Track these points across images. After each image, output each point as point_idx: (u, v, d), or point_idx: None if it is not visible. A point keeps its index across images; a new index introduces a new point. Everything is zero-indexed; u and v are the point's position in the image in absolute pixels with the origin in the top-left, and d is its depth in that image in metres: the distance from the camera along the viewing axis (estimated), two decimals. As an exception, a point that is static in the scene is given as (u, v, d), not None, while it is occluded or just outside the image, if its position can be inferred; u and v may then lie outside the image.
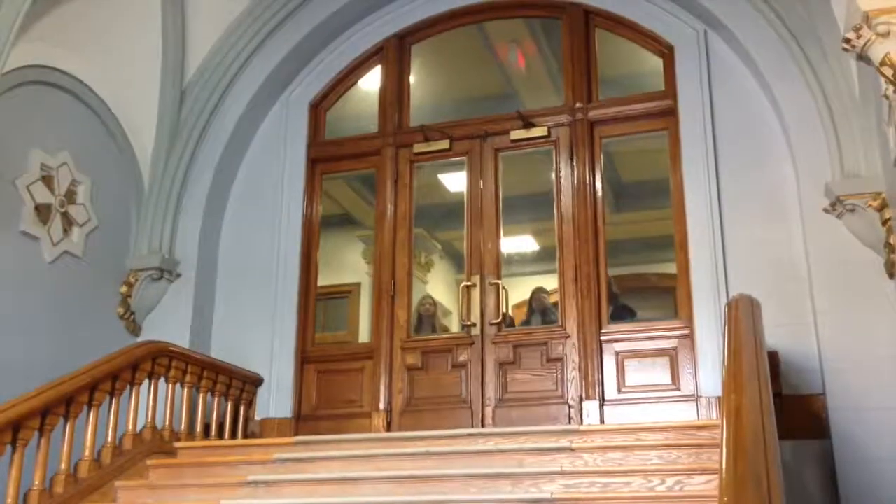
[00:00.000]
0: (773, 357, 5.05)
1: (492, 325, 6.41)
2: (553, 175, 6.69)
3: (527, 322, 6.73)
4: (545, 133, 6.75)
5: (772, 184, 6.01)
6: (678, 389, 5.92)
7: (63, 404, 4.63)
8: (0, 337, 5.51)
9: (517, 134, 6.82)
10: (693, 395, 5.81)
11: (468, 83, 7.76)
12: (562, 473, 4.21)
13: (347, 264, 7.98)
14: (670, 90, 6.55)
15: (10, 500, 4.25)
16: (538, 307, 6.70)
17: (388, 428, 6.20)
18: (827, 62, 5.69)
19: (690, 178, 6.22)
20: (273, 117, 7.46)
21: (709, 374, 5.69)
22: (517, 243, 7.37)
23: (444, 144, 6.99)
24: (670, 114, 6.51)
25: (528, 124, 6.79)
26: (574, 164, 6.64)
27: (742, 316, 3.87)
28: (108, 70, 6.60)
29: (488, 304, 6.48)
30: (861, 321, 5.35)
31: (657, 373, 5.99)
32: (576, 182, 6.59)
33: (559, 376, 6.17)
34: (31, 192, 6.00)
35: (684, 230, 6.16)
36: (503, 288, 6.49)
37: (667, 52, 6.64)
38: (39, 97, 6.10)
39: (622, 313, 6.37)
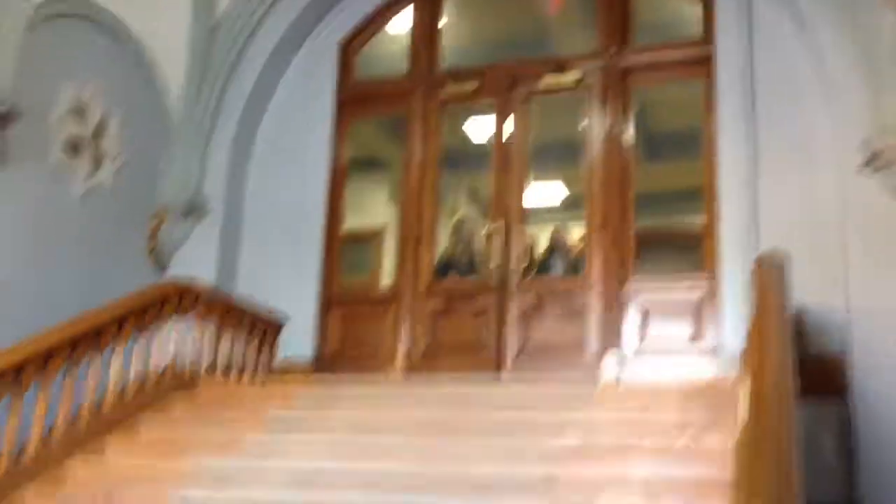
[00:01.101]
0: (800, 315, 4.99)
1: (515, 272, 6.37)
2: (583, 122, 6.58)
3: (545, 262, 6.69)
4: (578, 78, 6.62)
5: (808, 136, 5.87)
6: (700, 343, 5.88)
7: (91, 337, 4.70)
8: (30, 270, 5.59)
9: (549, 79, 6.69)
10: (715, 350, 5.78)
11: (500, 26, 7.62)
12: (580, 424, 4.22)
13: (373, 208, 7.97)
14: (708, 38, 6.38)
15: (36, 430, 4.35)
16: (555, 245, 6.67)
17: (409, 372, 6.24)
18: (871, 12, 5.49)
19: (724, 129, 6.09)
20: (302, 57, 7.39)
21: (732, 330, 5.62)
22: (544, 191, 7.31)
23: (474, 86, 6.87)
24: (707, 62, 6.34)
25: (560, 69, 6.66)
26: (605, 111, 6.53)
27: (770, 273, 3.82)
28: (140, 3, 6.54)
29: (513, 251, 6.44)
30: (892, 280, 5.25)
31: (680, 326, 5.94)
32: (606, 130, 6.49)
33: (581, 326, 6.15)
34: (62, 125, 6.00)
35: (716, 182, 6.06)
36: (529, 235, 6.45)
37: (706, -2, 6.46)
38: (70, 29, 6.07)
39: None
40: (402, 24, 7.37)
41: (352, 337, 6.65)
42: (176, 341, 5.44)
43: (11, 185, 5.50)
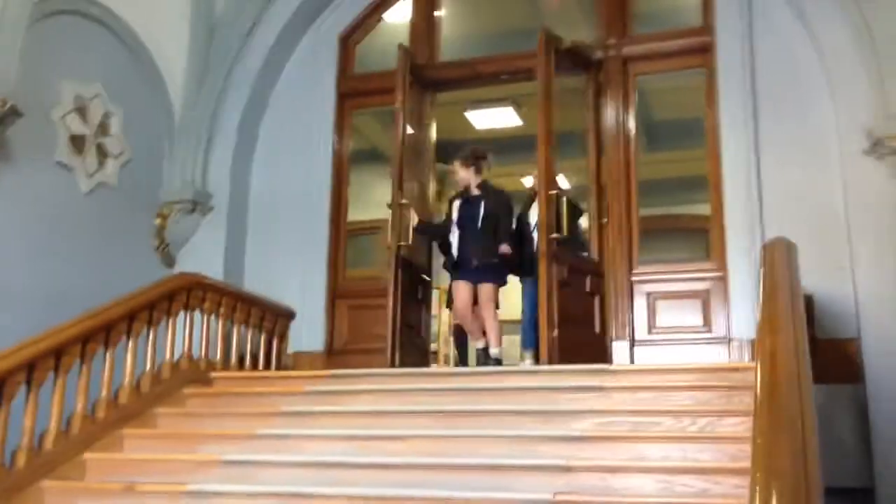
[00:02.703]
0: (809, 301, 5.03)
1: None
2: (585, 113, 6.60)
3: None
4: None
5: (811, 124, 5.91)
6: (710, 331, 5.94)
7: (103, 332, 4.72)
8: (38, 266, 5.61)
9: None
10: (725, 338, 5.83)
11: (499, 17, 7.63)
12: (592, 412, 4.25)
13: (376, 200, 7.98)
14: (708, 26, 6.42)
15: (53, 423, 4.37)
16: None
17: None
18: (873, -1, 5.53)
19: (727, 117, 6.13)
20: (302, 50, 7.42)
21: (741, 317, 5.69)
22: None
23: (472, 77, 6.90)
24: (707, 51, 6.39)
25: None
26: (606, 101, 6.56)
27: (778, 258, 3.85)
28: (140, 1, 6.55)
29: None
30: (899, 265, 5.30)
31: (689, 314, 6.01)
32: (608, 120, 6.51)
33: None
34: (66, 122, 6.03)
35: (719, 171, 6.10)
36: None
37: (706, -14, 6.48)
38: (71, 27, 6.09)
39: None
40: (400, 15, 7.38)
41: (360, 328, 6.69)
42: (188, 335, 5.46)
43: (17, 182, 5.52)
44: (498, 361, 5.79)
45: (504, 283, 6.03)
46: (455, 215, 6.03)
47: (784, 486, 2.15)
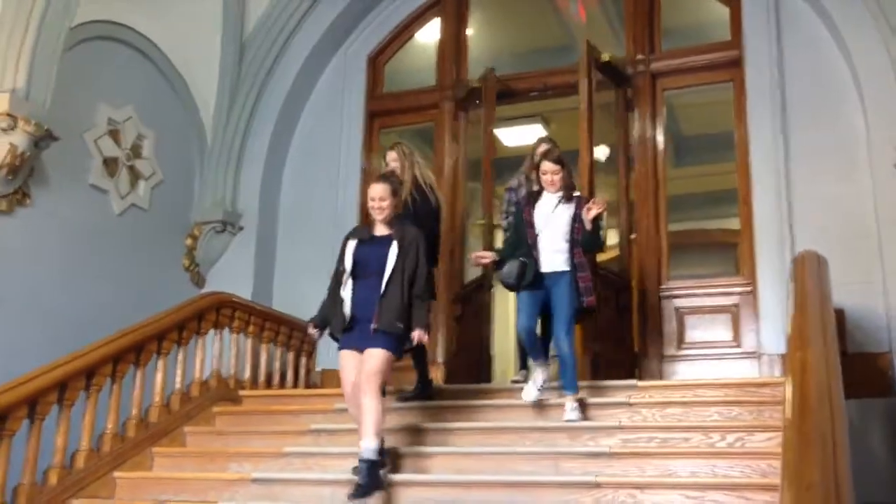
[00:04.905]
0: (840, 315, 4.96)
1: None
2: (614, 128, 6.59)
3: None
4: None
5: (841, 137, 5.84)
6: (739, 346, 5.87)
7: (133, 352, 4.79)
8: (71, 286, 5.70)
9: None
10: (755, 353, 5.75)
11: (527, 35, 7.66)
12: (620, 428, 4.22)
13: (404, 218, 7.99)
14: (736, 40, 6.39)
15: (84, 442, 4.43)
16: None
17: (446, 380, 6.25)
18: (903, 10, 5.47)
19: (756, 131, 6.09)
20: (331, 71, 7.48)
21: (771, 332, 5.61)
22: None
23: (502, 95, 6.90)
24: (736, 65, 6.35)
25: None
26: (635, 116, 6.54)
27: (809, 272, 3.81)
28: (171, 25, 6.67)
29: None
30: (931, 280, 5.21)
31: (718, 329, 5.94)
32: (637, 135, 6.49)
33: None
34: (99, 145, 6.14)
35: (748, 185, 6.05)
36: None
37: (733, 1, 6.45)
38: (105, 52, 6.21)
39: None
40: (429, 35, 7.44)
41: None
42: (217, 353, 5.51)
43: (52, 204, 5.62)
44: (372, 465, 3.87)
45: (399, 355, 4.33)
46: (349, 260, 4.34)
47: (815, 500, 2.12)
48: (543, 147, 5.14)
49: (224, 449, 4.75)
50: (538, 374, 4.58)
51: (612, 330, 5.93)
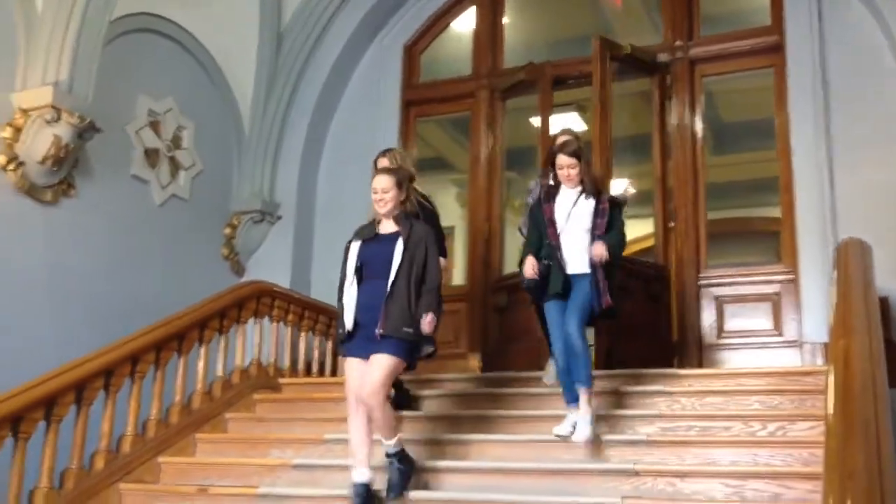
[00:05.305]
0: (884, 303, 4.89)
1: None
2: (651, 115, 6.54)
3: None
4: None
5: (885, 121, 5.74)
6: (780, 335, 5.80)
7: (176, 340, 4.86)
8: (115, 275, 5.80)
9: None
10: (796, 341, 5.69)
11: (563, 22, 7.61)
12: (660, 416, 4.21)
13: (441, 208, 8.00)
14: (777, 25, 6.30)
15: (130, 427, 4.52)
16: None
17: (484, 368, 6.27)
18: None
19: (797, 118, 6.00)
20: (368, 61, 7.50)
21: (814, 320, 5.54)
22: (614, 186, 7.23)
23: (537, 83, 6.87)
24: (776, 50, 6.26)
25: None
26: (673, 104, 6.48)
27: (852, 259, 3.76)
28: (209, 17, 6.73)
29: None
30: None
31: (758, 318, 5.88)
32: (675, 122, 6.44)
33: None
34: (141, 136, 6.23)
35: (790, 172, 5.97)
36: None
37: (774, -15, 6.36)
38: (144, 44, 6.29)
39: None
40: (465, 24, 7.43)
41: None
42: (257, 341, 5.58)
43: (96, 195, 5.72)
44: (402, 456, 3.83)
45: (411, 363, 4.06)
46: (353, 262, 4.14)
47: (858, 488, 2.11)
48: (561, 139, 4.75)
49: (265, 435, 4.82)
50: (570, 418, 4.03)
51: (642, 320, 5.87)
